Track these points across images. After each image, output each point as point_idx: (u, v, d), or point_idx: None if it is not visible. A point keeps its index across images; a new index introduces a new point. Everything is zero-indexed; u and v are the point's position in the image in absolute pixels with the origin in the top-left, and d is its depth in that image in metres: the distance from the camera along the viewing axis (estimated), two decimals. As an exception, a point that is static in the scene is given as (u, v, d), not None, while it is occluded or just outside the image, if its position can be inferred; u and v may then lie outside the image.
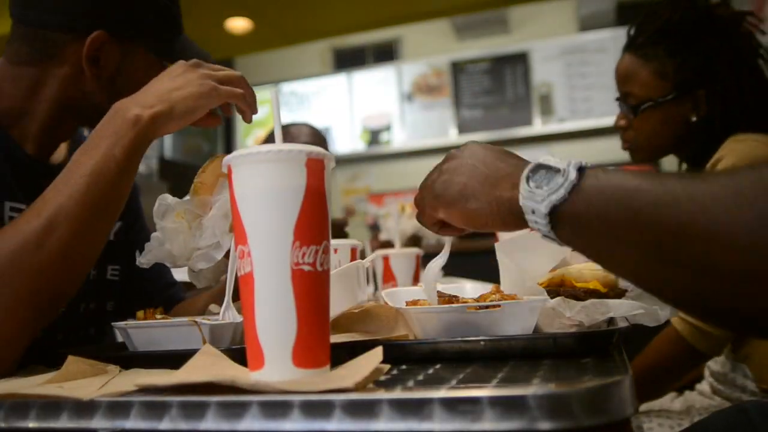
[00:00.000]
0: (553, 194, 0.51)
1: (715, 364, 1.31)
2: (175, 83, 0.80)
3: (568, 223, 0.52)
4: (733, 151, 1.15)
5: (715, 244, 0.43)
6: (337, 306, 0.74)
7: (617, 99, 1.37)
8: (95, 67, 0.93)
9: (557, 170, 0.52)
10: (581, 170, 0.51)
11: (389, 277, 1.26)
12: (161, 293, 1.18)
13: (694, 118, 1.25)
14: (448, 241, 0.76)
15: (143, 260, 0.84)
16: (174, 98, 0.79)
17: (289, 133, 1.86)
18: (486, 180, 0.60)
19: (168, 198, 0.83)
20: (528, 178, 0.54)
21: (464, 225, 0.64)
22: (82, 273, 0.80)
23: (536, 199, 0.52)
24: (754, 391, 1.19)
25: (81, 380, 0.62)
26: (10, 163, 0.92)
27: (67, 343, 0.98)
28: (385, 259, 1.26)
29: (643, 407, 1.35)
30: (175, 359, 0.60)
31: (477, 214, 0.61)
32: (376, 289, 1.36)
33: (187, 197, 0.83)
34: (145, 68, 0.96)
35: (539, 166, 0.54)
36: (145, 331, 0.77)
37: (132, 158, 0.78)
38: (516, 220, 0.57)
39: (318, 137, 1.97)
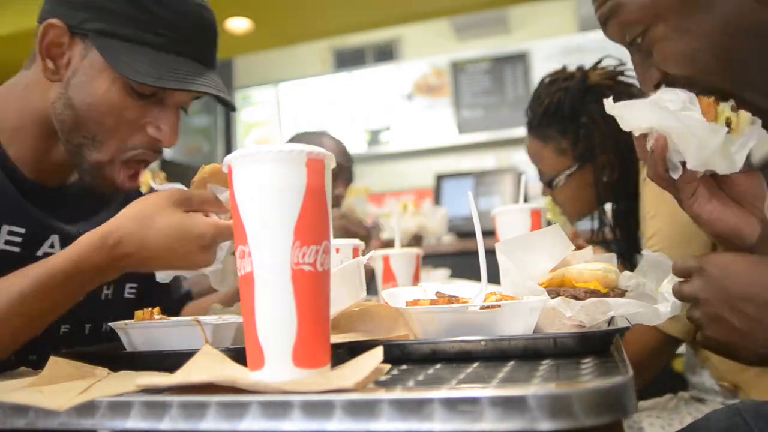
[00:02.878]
0: None
1: (693, 375, 1.32)
2: (175, 262, 0.78)
3: None
4: (651, 189, 1.18)
5: None
6: (339, 303, 0.74)
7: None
8: (53, 61, 0.85)
9: None
10: None
11: (389, 277, 1.26)
12: (177, 305, 1.17)
13: (605, 179, 1.34)
14: None
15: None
16: (160, 265, 0.79)
17: (309, 141, 1.84)
18: (739, 337, 0.63)
19: None
20: None
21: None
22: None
23: None
24: (735, 395, 1.20)
25: (63, 384, 0.60)
26: (10, 186, 0.87)
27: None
28: (385, 259, 1.26)
29: (639, 407, 1.35)
30: (169, 359, 0.60)
31: (750, 364, 0.66)
32: (375, 293, 1.36)
33: None
34: (105, 84, 0.84)
35: None
36: (145, 331, 0.77)
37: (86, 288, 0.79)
38: None
39: (344, 153, 1.98)
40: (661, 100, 0.73)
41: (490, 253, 0.84)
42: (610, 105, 0.76)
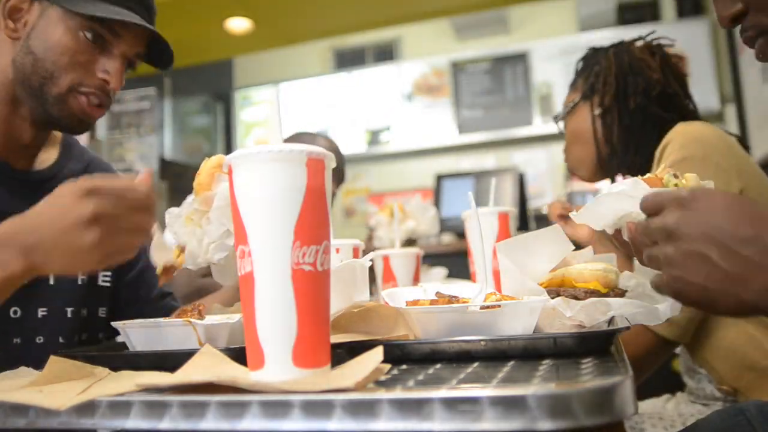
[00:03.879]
0: None
1: (691, 380, 1.32)
2: (61, 239, 0.71)
3: None
4: (681, 133, 1.21)
5: None
6: (332, 305, 0.74)
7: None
8: (13, 22, 0.96)
9: None
10: None
11: (389, 277, 1.26)
12: (154, 302, 1.18)
13: (597, 111, 1.38)
14: None
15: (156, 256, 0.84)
16: (49, 258, 0.72)
17: (303, 141, 1.86)
18: (728, 281, 0.53)
19: (173, 210, 0.83)
20: None
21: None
22: None
23: None
24: (734, 399, 1.19)
25: (63, 384, 0.60)
26: None
27: (50, 347, 0.97)
28: (385, 259, 1.26)
29: (639, 408, 1.36)
30: (169, 359, 0.60)
31: (730, 313, 0.56)
32: (372, 294, 1.36)
33: (190, 200, 0.84)
34: (60, 31, 0.95)
35: None
36: (142, 331, 0.77)
37: None
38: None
39: (337, 153, 2.00)
40: (611, 191, 0.76)
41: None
42: (574, 216, 0.79)
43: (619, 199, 0.75)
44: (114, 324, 0.79)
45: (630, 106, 1.34)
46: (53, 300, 0.99)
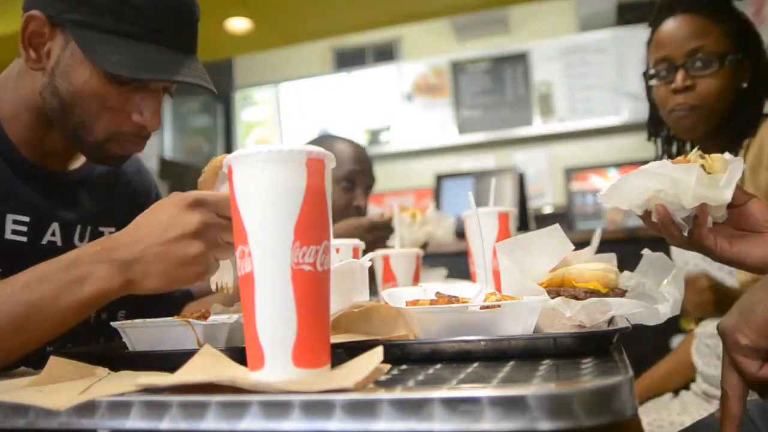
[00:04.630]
0: None
1: (707, 367, 1.31)
2: (163, 252, 0.70)
3: None
4: None
5: None
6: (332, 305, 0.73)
7: (666, 63, 1.32)
8: (35, 51, 0.87)
9: None
10: None
11: (389, 277, 1.26)
12: (174, 301, 1.17)
13: (744, 85, 1.27)
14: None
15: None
16: (149, 272, 0.71)
17: (334, 149, 1.71)
18: None
19: None
20: None
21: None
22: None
23: None
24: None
25: (63, 384, 0.60)
26: (11, 169, 0.90)
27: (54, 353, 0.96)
28: (385, 258, 1.26)
29: (641, 408, 1.36)
30: (171, 359, 0.60)
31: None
32: (374, 293, 1.36)
33: None
34: (86, 74, 0.86)
35: None
36: (140, 331, 0.77)
37: (80, 313, 0.73)
38: None
39: (367, 164, 1.84)
40: (639, 170, 0.76)
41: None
42: (601, 197, 0.79)
43: (647, 177, 0.75)
44: (113, 324, 0.79)
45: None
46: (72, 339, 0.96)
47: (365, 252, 1.13)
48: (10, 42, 0.99)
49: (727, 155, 0.77)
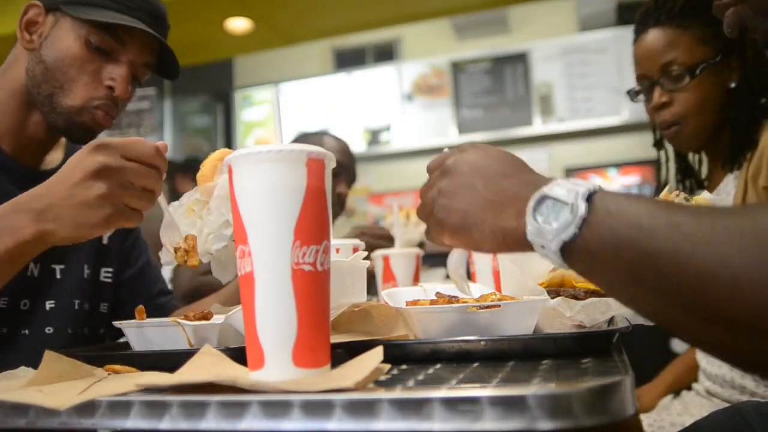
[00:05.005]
0: (562, 232, 0.48)
1: (710, 366, 1.31)
2: (68, 197, 0.72)
3: (580, 260, 0.49)
4: None
5: (738, 296, 0.40)
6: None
7: (645, 81, 1.31)
8: (29, 35, 1.00)
9: (565, 203, 0.48)
10: (590, 200, 0.48)
11: (389, 277, 1.26)
12: (153, 300, 1.19)
13: (732, 84, 1.24)
14: None
15: (167, 259, 0.83)
16: (60, 220, 0.73)
17: (323, 144, 1.90)
18: (487, 206, 0.56)
19: (175, 203, 0.83)
20: (534, 210, 0.51)
21: (471, 250, 0.63)
22: None
23: (546, 237, 0.49)
24: (753, 391, 1.19)
25: (63, 383, 0.60)
26: None
27: (59, 337, 0.99)
28: (385, 259, 1.26)
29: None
30: (171, 360, 0.60)
31: (482, 244, 0.57)
32: (374, 293, 1.36)
33: (195, 189, 0.85)
34: (69, 40, 0.98)
35: (545, 197, 0.50)
36: (136, 330, 0.77)
37: (5, 264, 0.75)
38: (523, 248, 0.54)
39: (346, 152, 2.02)
40: None
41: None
42: None
43: None
44: (116, 323, 0.80)
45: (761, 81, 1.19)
46: (61, 294, 1.02)
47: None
48: (10, 42, 1.01)
49: (709, 196, 0.76)
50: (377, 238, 1.47)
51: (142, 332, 0.78)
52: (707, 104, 1.24)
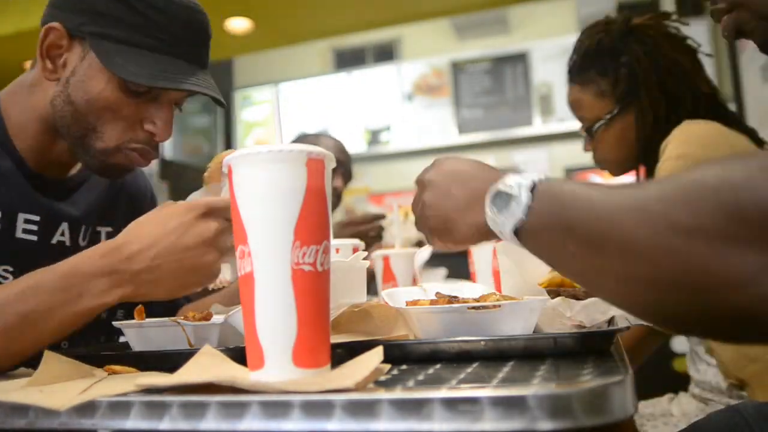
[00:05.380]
0: (511, 219, 0.56)
1: (697, 373, 1.31)
2: (179, 260, 0.70)
3: (529, 241, 0.56)
4: (684, 131, 1.19)
5: (638, 257, 0.47)
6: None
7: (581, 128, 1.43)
8: (52, 61, 0.89)
9: (512, 195, 0.56)
10: (533, 190, 0.55)
11: (389, 277, 1.26)
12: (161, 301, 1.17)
13: (649, 118, 1.30)
14: None
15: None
16: (163, 280, 0.71)
17: (320, 143, 1.97)
18: (460, 207, 0.65)
19: (189, 198, 0.83)
20: (492, 203, 0.59)
21: (458, 249, 0.70)
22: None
23: (499, 224, 0.57)
24: (740, 393, 1.19)
25: (63, 383, 0.60)
26: (20, 174, 0.92)
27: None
28: (385, 259, 1.26)
29: (641, 409, 1.36)
30: (171, 360, 0.60)
31: (463, 241, 0.66)
32: (374, 293, 1.36)
33: (202, 190, 0.85)
34: (101, 84, 0.88)
35: (498, 192, 0.58)
36: (136, 331, 0.77)
37: (77, 323, 0.72)
38: (493, 237, 0.62)
39: (342, 150, 2.09)
40: None
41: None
42: None
43: None
44: (116, 323, 0.80)
45: (672, 111, 1.27)
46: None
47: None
48: (10, 42, 0.99)
49: None
50: (364, 224, 1.46)
51: (142, 332, 0.78)
52: (621, 144, 1.35)
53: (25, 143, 0.93)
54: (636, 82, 1.30)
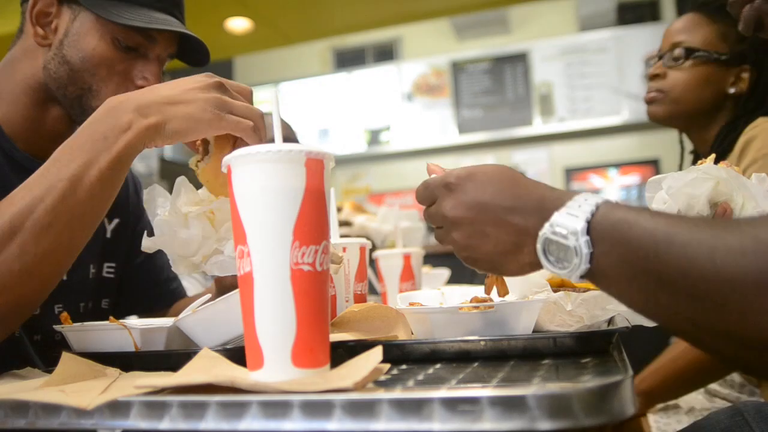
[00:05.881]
0: (576, 271, 0.52)
1: None
2: (181, 95, 0.73)
3: (601, 285, 0.53)
4: (766, 131, 1.14)
5: (749, 317, 0.43)
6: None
7: (657, 55, 1.36)
8: (42, 28, 0.93)
9: (568, 247, 0.52)
10: (589, 232, 0.51)
11: (408, 276, 1.24)
12: (165, 284, 1.18)
13: (732, 90, 1.27)
14: None
15: (148, 244, 0.81)
16: (170, 113, 0.72)
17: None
18: (506, 250, 0.59)
19: (193, 209, 0.80)
20: (544, 253, 0.55)
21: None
22: (45, 288, 0.73)
23: (563, 275, 0.54)
24: (753, 389, 1.19)
25: (81, 383, 0.60)
26: (4, 158, 0.92)
27: (65, 343, 0.98)
28: (406, 257, 1.24)
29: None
30: (182, 360, 0.60)
31: (517, 275, 0.62)
32: (374, 293, 1.35)
33: (202, 190, 0.82)
34: (95, 40, 0.92)
35: (548, 241, 0.54)
36: (79, 334, 0.76)
37: (117, 168, 0.72)
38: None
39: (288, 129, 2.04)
40: (685, 176, 0.77)
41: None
42: (660, 204, 0.78)
43: (704, 181, 0.76)
44: (56, 327, 0.77)
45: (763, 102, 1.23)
46: (67, 296, 0.99)
47: None
48: (10, 42, 1.00)
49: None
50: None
51: (84, 335, 0.75)
52: (694, 90, 1.28)
53: (13, 120, 0.95)
54: (756, 54, 1.25)
